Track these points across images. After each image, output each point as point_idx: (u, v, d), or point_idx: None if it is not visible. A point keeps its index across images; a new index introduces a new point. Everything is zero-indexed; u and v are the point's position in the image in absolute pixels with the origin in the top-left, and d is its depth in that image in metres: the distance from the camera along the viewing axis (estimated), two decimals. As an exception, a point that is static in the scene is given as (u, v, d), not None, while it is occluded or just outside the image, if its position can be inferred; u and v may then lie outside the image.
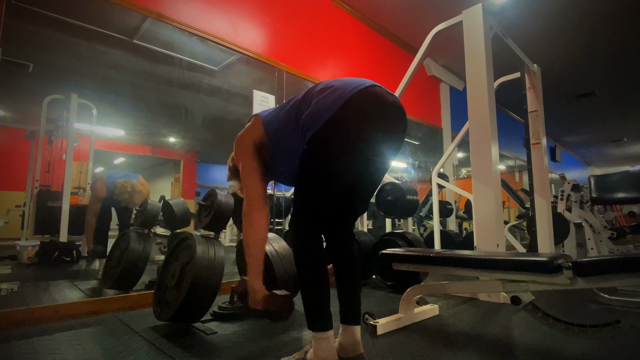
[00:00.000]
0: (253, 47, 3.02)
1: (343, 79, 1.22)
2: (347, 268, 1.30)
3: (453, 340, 1.53)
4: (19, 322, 1.72)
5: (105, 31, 2.82)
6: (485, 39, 2.37)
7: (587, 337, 1.29)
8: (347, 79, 1.21)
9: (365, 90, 1.14)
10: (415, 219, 5.07)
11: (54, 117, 3.67)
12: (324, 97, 1.15)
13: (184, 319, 1.67)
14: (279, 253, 1.97)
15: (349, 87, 1.14)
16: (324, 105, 1.13)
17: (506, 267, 1.37)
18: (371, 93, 1.15)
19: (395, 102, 1.21)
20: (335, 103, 1.11)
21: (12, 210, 4.03)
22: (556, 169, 8.91)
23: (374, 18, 4.24)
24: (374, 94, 1.16)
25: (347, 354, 1.20)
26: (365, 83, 1.17)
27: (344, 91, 1.13)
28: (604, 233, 3.51)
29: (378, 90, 1.17)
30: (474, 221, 2.34)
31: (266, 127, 1.32)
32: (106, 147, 4.87)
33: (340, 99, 1.12)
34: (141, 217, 2.84)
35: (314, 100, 1.18)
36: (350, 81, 1.18)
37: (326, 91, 1.17)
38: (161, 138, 5.69)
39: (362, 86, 1.15)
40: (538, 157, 3.11)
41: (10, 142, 4.18)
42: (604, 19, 4.21)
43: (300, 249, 1.19)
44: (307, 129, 1.16)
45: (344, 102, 1.11)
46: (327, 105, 1.13)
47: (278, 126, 1.29)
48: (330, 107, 1.12)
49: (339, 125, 1.11)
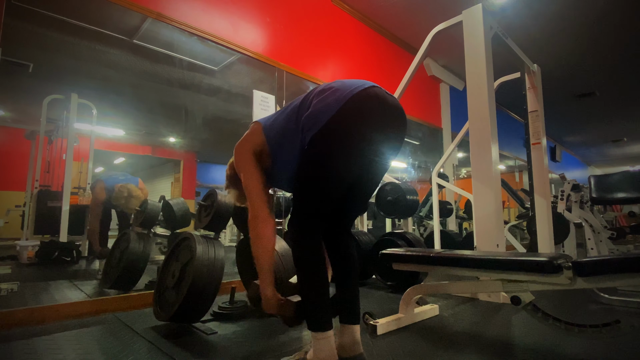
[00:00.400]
0: (253, 47, 3.02)
1: (343, 80, 1.22)
2: (345, 267, 1.30)
3: (453, 340, 1.53)
4: (19, 322, 1.72)
5: (105, 31, 2.82)
6: (485, 39, 2.37)
7: (587, 337, 1.29)
8: (347, 80, 1.21)
9: (364, 91, 1.14)
10: (415, 219, 5.07)
11: (54, 117, 3.67)
12: (324, 99, 1.15)
13: (184, 319, 1.67)
14: (279, 253, 1.97)
15: (348, 88, 1.14)
16: (324, 106, 1.13)
17: (506, 267, 1.37)
18: (371, 94, 1.15)
19: (394, 103, 1.21)
20: (335, 104, 1.12)
21: (12, 210, 4.04)
22: (556, 169, 8.91)
23: (374, 18, 4.24)
24: (374, 95, 1.16)
25: (347, 354, 1.20)
26: (365, 84, 1.17)
27: (344, 92, 1.13)
28: (604, 233, 3.51)
29: (378, 92, 1.17)
30: (474, 221, 2.34)
31: (267, 132, 1.30)
32: (106, 147, 4.87)
33: (340, 100, 1.12)
34: (141, 218, 2.84)
35: (313, 102, 1.18)
36: (350, 83, 1.18)
37: (326, 92, 1.17)
38: (161, 138, 5.69)
39: (362, 87, 1.15)
40: (538, 157, 3.11)
41: (10, 142, 4.18)
42: (604, 19, 4.21)
43: (300, 249, 1.19)
44: (306, 130, 1.16)
45: (344, 103, 1.11)
46: (327, 106, 1.13)
47: (278, 131, 1.28)
48: (330, 108, 1.12)
49: (338, 126, 1.11)
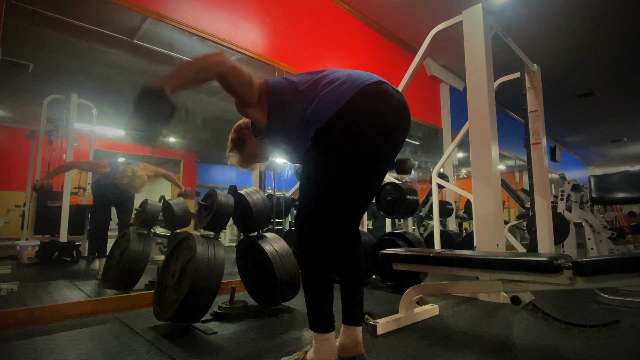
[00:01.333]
0: (253, 47, 3.02)
1: (350, 72, 1.18)
2: (352, 269, 1.28)
3: (453, 340, 1.53)
4: (19, 322, 1.72)
5: (105, 31, 2.82)
6: (485, 39, 2.37)
7: (587, 337, 1.29)
8: (354, 72, 1.18)
9: (371, 86, 1.12)
10: (415, 219, 5.07)
11: (54, 117, 3.67)
12: (330, 92, 1.13)
13: (184, 319, 1.67)
14: (279, 253, 1.97)
15: (355, 82, 1.12)
16: (329, 100, 1.11)
17: (506, 267, 1.37)
18: (377, 90, 1.13)
19: (401, 99, 1.20)
20: (341, 99, 1.09)
21: (12, 210, 4.04)
22: (556, 169, 8.90)
23: (374, 18, 4.24)
24: (381, 91, 1.14)
25: (348, 354, 1.20)
26: (372, 78, 1.15)
27: (350, 86, 1.11)
28: (604, 233, 3.51)
29: (385, 87, 1.16)
30: (474, 221, 2.34)
31: (270, 88, 1.25)
32: (106, 147, 4.87)
33: (346, 94, 1.10)
34: (141, 217, 2.83)
35: (320, 94, 1.15)
36: (357, 75, 1.15)
37: (332, 84, 1.14)
38: (161, 138, 5.69)
39: (369, 82, 1.12)
40: (538, 157, 3.11)
41: (10, 142, 4.18)
42: (604, 19, 4.21)
43: (305, 248, 1.16)
44: (311, 124, 1.14)
45: (349, 98, 1.09)
46: (333, 100, 1.10)
47: (281, 94, 1.24)
48: (335, 102, 1.09)
49: (344, 121, 1.09)
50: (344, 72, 1.18)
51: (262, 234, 2.10)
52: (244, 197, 2.11)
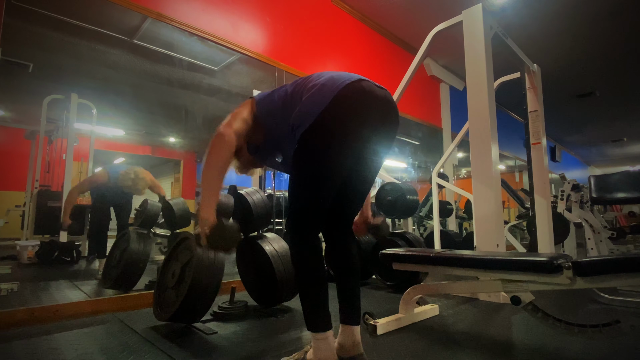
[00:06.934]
0: (253, 47, 3.02)
1: (331, 74, 1.20)
2: (347, 268, 1.28)
3: (453, 340, 1.53)
4: (19, 322, 1.72)
5: (105, 31, 2.82)
6: (485, 39, 2.37)
7: (587, 337, 1.29)
8: (335, 73, 1.19)
9: (351, 85, 1.13)
10: (415, 219, 5.08)
11: (54, 117, 3.67)
12: (312, 95, 1.14)
13: (184, 319, 1.67)
14: (279, 253, 1.97)
15: (335, 83, 1.13)
16: (312, 103, 1.13)
17: (506, 267, 1.37)
18: (358, 88, 1.14)
19: (385, 96, 1.20)
20: (323, 101, 1.10)
21: (12, 210, 4.04)
22: (556, 169, 8.90)
23: (374, 18, 4.24)
24: (361, 89, 1.14)
25: (347, 354, 1.20)
26: (352, 77, 1.15)
27: (331, 88, 1.12)
28: (604, 233, 3.51)
29: (365, 85, 1.16)
30: (474, 221, 2.34)
31: (258, 105, 1.31)
32: (106, 147, 4.86)
33: (327, 96, 1.11)
34: (141, 217, 2.83)
35: (302, 98, 1.17)
36: (338, 76, 1.16)
37: (314, 88, 1.16)
38: (161, 138, 5.69)
39: (349, 81, 1.13)
40: (538, 157, 3.11)
41: (10, 142, 4.17)
42: (604, 19, 4.21)
43: (297, 249, 1.17)
44: (296, 128, 1.15)
45: (331, 99, 1.10)
46: (315, 103, 1.12)
47: (269, 108, 1.29)
48: (318, 105, 1.11)
49: (327, 123, 1.10)
50: (327, 75, 1.19)
51: (262, 234, 2.10)
52: (244, 197, 2.11)
